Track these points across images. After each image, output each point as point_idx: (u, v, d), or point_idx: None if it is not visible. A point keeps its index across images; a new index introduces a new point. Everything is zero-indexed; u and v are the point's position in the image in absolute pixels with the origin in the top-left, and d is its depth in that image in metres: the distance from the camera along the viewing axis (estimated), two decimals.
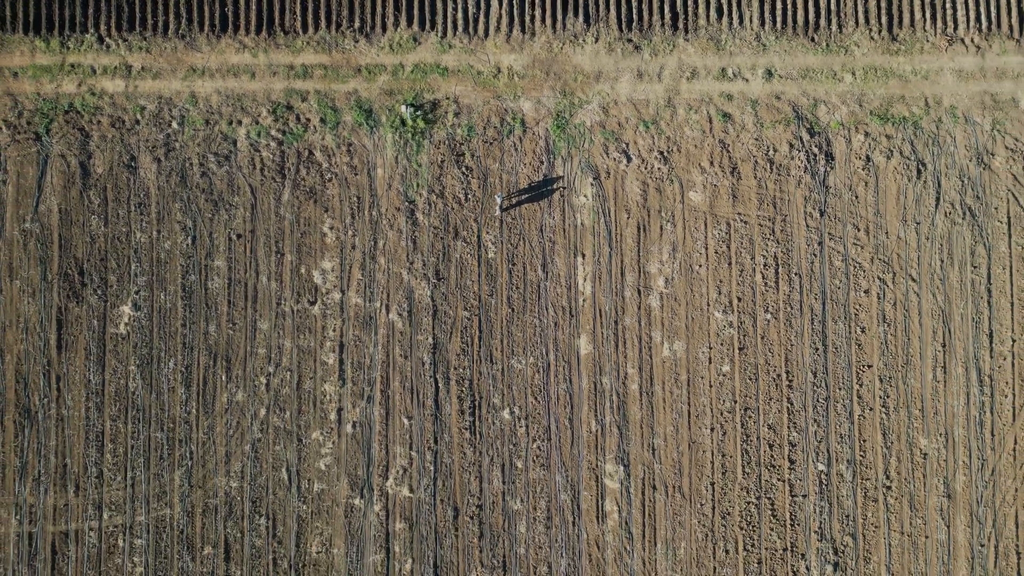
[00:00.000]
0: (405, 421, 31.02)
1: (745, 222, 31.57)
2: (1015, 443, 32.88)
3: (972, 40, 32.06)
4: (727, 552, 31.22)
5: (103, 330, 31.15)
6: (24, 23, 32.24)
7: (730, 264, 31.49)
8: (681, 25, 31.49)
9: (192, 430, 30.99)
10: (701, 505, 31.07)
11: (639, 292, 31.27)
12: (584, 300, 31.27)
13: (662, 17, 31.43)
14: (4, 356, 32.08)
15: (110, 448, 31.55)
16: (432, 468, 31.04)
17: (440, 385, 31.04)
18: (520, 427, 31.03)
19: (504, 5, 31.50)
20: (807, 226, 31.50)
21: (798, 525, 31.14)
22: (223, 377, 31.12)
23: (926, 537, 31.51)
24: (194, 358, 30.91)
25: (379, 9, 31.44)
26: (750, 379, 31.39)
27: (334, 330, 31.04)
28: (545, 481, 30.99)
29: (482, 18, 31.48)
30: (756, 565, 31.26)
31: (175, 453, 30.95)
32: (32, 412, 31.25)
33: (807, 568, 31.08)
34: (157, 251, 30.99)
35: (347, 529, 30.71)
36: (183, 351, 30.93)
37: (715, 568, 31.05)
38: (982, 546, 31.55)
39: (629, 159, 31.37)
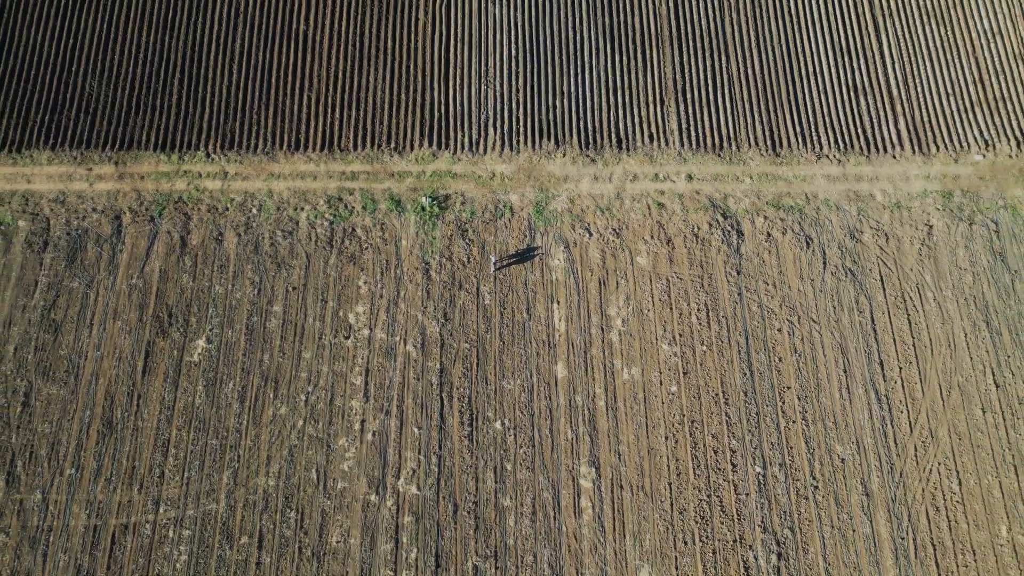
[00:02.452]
0: (416, 430, 31.48)
1: (680, 278, 34.03)
2: (915, 450, 34.90)
3: (834, 156, 36.26)
4: (686, 543, 29.82)
5: (180, 359, 32.28)
6: (154, 144, 36.52)
7: (671, 309, 33.40)
8: (624, 146, 36.04)
9: (242, 438, 30.97)
10: (661, 502, 30.30)
11: (602, 329, 33.08)
12: (559, 336, 33.02)
13: (610, 140, 36.24)
14: (98, 379, 35.56)
15: (173, 453, 30.72)
16: (436, 470, 30.68)
17: (445, 402, 31.83)
18: (509, 436, 31.30)
19: (498, 132, 36.50)
20: (728, 281, 33.89)
21: (744, 519, 30.14)
22: (271, 395, 31.64)
23: (853, 531, 29.90)
24: (249, 380, 31.87)
25: (408, 134, 36.22)
26: (694, 397, 32.13)
27: (362, 358, 32.25)
28: (530, 481, 30.60)
29: (482, 141, 36.21)
30: (711, 555, 29.67)
31: (225, 457, 30.68)
32: (113, 424, 31.13)
33: (755, 557, 29.64)
34: (230, 299, 33.24)
35: (363, 522, 29.77)
36: (241, 375, 31.92)
37: (676, 558, 29.56)
38: (902, 539, 29.82)
39: (590, 234, 34.68)
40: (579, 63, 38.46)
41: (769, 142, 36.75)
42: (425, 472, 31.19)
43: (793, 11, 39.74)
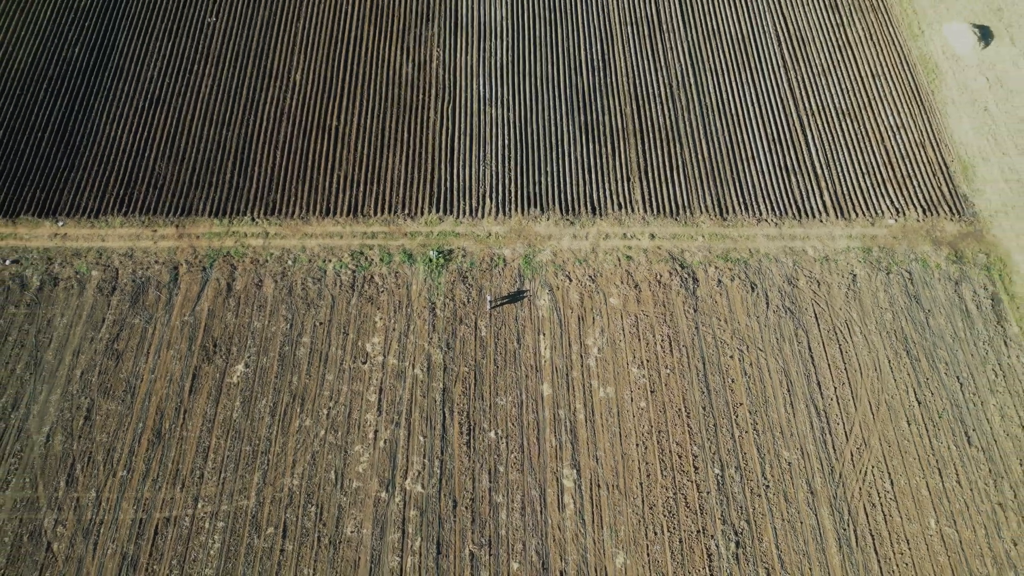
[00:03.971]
0: (421, 439, 35.99)
1: (646, 315, 39.91)
2: (851, 455, 38.96)
3: (771, 220, 45.02)
4: (656, 533, 33.79)
5: (222, 380, 37.59)
6: (209, 211, 46.44)
7: (639, 340, 38.98)
8: (598, 212, 42.71)
9: (271, 445, 35.57)
10: (634, 499, 34.44)
11: (581, 356, 38.30)
12: (545, 361, 38.11)
13: (586, 208, 43.27)
14: (151, 398, 40.20)
15: (212, 457, 35.75)
16: (439, 471, 34.98)
17: (447, 415, 36.52)
18: (502, 443, 35.74)
19: (494, 202, 44.48)
20: (686, 317, 39.80)
21: (706, 513, 34.28)
22: (298, 409, 36.59)
23: (801, 523, 34.02)
24: (280, 398, 36.77)
25: (419, 203, 43.69)
26: (660, 412, 36.90)
27: (377, 380, 37.25)
28: (520, 481, 34.80)
29: (480, 208, 43.04)
30: (678, 543, 33.65)
31: (256, 461, 35.17)
32: (162, 434, 36.04)
33: (716, 546, 33.50)
34: (266, 333, 39.02)
35: (374, 515, 33.80)
36: (273, 393, 36.95)
37: (647, 546, 33.49)
38: (844, 530, 33.84)
39: (570, 280, 40.65)
40: (560, 150, 46.28)
41: (717, 210, 43.78)
42: (429, 473, 35.50)
43: (735, 110, 48.12)
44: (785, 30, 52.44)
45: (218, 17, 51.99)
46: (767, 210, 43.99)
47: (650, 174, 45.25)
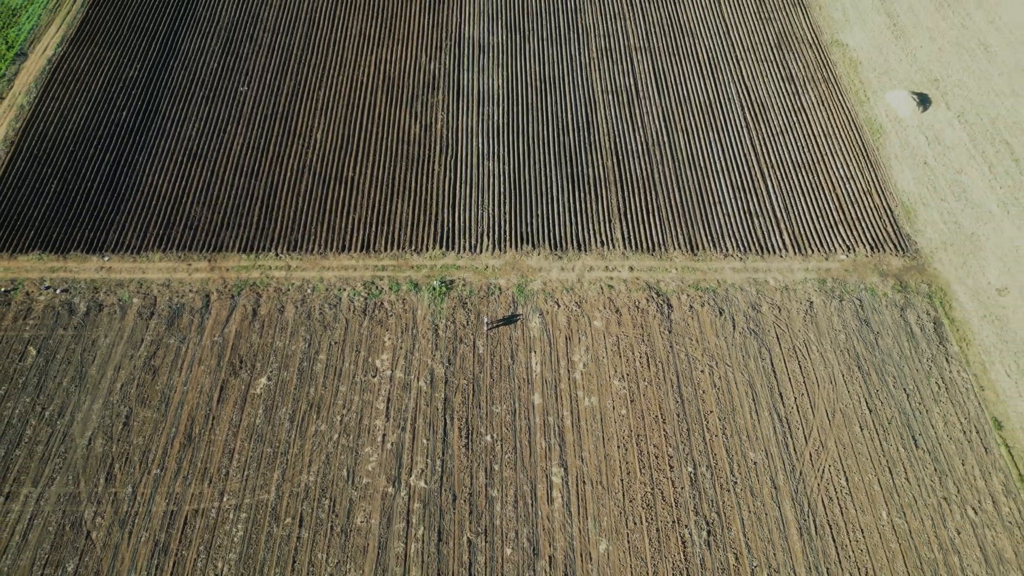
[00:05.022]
0: (424, 441, 40.13)
1: (626, 336, 45.53)
2: (810, 456, 42.57)
3: (736, 256, 51.90)
4: (635, 523, 37.38)
5: (247, 392, 44.20)
6: (238, 247, 52.06)
7: (620, 356, 44.12)
8: (583, 248, 48.42)
9: (290, 447, 39.86)
10: (615, 493, 38.09)
11: (568, 370, 42.80)
12: (536, 375, 42.40)
13: (573, 244, 49.37)
14: (183, 407, 44.19)
15: (236, 458, 41.43)
16: (440, 470, 38.86)
17: (448, 421, 40.59)
18: (497, 445, 39.54)
19: (491, 239, 52.64)
20: (662, 337, 45.53)
21: (680, 506, 37.98)
22: (314, 416, 41.38)
23: (766, 515, 39.21)
24: (298, 407, 41.05)
25: (425, 241, 51.50)
26: (639, 418, 41.28)
27: (385, 391, 41.60)
28: (513, 478, 38.42)
29: (479, 245, 49.25)
30: (655, 532, 37.44)
31: (276, 460, 39.26)
32: (192, 438, 42.08)
33: (690, 534, 37.39)
34: (287, 351, 45.19)
35: (382, 507, 37.29)
36: (292, 402, 41.34)
37: (628, 534, 36.98)
38: (805, 521, 38.81)
39: (559, 305, 45.77)
40: (549, 196, 51.99)
41: (688, 247, 49.09)
42: (431, 471, 39.27)
43: (704, 164, 54.16)
44: (747, 97, 59.23)
45: (250, 87, 58.88)
46: (733, 247, 49.25)
47: (629, 216, 50.77)
